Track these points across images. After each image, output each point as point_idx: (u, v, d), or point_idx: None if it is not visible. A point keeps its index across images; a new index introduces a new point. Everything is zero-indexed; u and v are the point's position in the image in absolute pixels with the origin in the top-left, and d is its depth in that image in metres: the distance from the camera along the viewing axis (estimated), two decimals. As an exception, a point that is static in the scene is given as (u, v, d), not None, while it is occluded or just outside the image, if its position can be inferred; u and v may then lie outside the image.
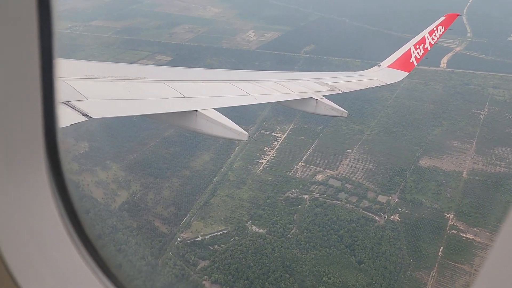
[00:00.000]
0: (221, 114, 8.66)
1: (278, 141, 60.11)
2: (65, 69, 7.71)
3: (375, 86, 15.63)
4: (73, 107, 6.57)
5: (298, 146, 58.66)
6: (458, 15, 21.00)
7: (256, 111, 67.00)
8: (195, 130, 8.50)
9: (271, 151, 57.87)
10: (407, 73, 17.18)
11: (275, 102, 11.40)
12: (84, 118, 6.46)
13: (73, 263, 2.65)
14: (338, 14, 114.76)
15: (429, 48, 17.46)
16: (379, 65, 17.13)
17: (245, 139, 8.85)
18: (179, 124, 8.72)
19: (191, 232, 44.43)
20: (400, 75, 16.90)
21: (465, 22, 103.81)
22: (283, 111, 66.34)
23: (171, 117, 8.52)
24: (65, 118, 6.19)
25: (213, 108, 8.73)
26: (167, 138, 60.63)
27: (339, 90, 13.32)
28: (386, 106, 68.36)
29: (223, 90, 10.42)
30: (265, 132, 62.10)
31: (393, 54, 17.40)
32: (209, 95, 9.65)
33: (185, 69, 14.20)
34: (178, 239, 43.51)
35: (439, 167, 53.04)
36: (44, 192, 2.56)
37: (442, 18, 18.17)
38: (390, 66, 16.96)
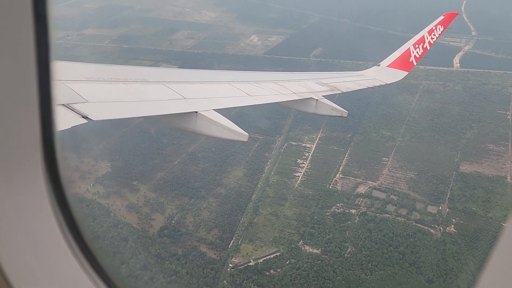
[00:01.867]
0: (221, 115, 8.56)
1: (309, 152, 57.94)
2: (64, 71, 7.67)
3: (375, 86, 15.64)
4: (73, 110, 6.48)
5: (331, 156, 56.64)
6: (457, 14, 20.96)
7: (279, 121, 64.88)
8: (195, 131, 8.47)
9: (305, 163, 55.66)
10: (407, 73, 17.11)
11: (275, 102, 11.30)
12: (84, 121, 6.36)
13: (70, 268, 2.61)
14: (338, 15, 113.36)
15: (428, 48, 17.44)
16: (379, 65, 17.16)
17: (245, 140, 8.59)
18: (179, 126, 8.66)
19: (242, 256, 41.83)
20: (399, 74, 16.86)
21: (466, 20, 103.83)
22: (308, 119, 64.42)
23: (171, 118, 8.51)
24: (65, 120, 6.05)
25: (213, 109, 8.65)
26: (193, 153, 57.70)
27: (338, 90, 13.32)
28: (410, 109, 67.05)
29: (223, 91, 10.39)
30: (293, 143, 59.85)
31: (392, 54, 17.46)
32: (209, 96, 9.59)
33: (185, 70, 15.52)
34: (230, 265, 40.86)
35: (481, 173, 51.89)
36: (41, 196, 2.53)
37: (441, 17, 18.18)
38: (390, 65, 17.00)
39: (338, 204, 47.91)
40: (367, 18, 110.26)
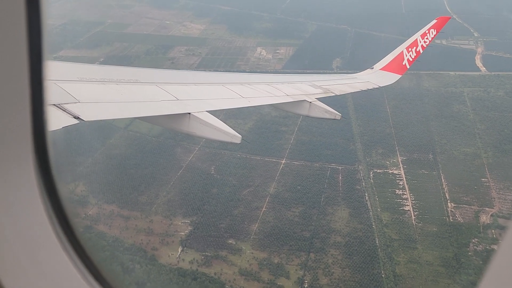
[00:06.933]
0: (214, 117, 8.42)
1: (401, 179, 53.12)
2: (56, 71, 7.51)
3: (368, 89, 15.70)
4: (64, 110, 6.30)
5: (428, 183, 52.32)
6: (449, 18, 21.32)
7: (347, 145, 59.52)
8: (188, 132, 8.39)
9: (405, 193, 50.74)
10: (400, 76, 17.18)
11: (268, 104, 11.30)
12: (75, 121, 6.22)
13: (61, 264, 2.59)
14: (335, 22, 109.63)
15: (421, 51, 17.65)
16: (372, 68, 17.23)
17: (238, 141, 8.38)
18: (172, 127, 8.55)
19: (414, 322, 36.02)
20: (392, 77, 16.95)
21: (460, 21, 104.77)
22: (376, 141, 60.12)
23: (164, 120, 8.42)
24: (57, 120, 5.90)
25: (206, 111, 8.50)
26: (277, 196, 50.49)
27: (332, 92, 13.34)
28: (472, 120, 64.76)
29: (217, 92, 10.28)
30: (378, 171, 54.69)
31: (385, 57, 17.59)
32: (202, 97, 9.44)
33: (178, 71, 13.36)
34: (406, 335, 34.87)
35: None
36: (33, 194, 2.51)
37: (434, 21, 18.38)
38: (383, 68, 17.07)
39: (474, 240, 43.67)
40: (365, 24, 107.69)
